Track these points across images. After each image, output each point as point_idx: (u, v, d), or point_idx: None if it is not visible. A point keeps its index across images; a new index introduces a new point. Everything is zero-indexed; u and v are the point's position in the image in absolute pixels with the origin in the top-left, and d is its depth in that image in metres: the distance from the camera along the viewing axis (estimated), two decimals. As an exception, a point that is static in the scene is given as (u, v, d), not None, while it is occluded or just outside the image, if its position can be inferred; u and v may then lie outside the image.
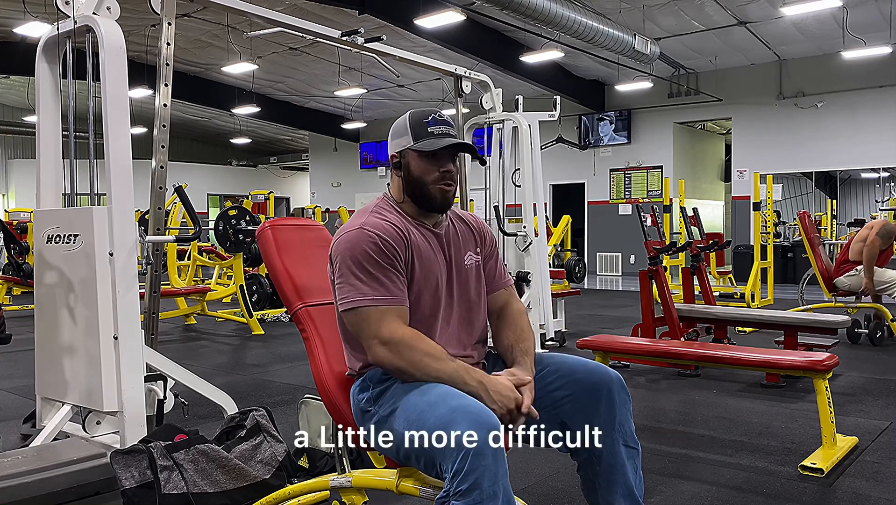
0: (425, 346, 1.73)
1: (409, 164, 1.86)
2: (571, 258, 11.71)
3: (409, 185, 1.87)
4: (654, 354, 4.07)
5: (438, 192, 1.85)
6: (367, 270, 1.75)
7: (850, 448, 3.15)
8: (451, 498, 1.51)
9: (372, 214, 1.85)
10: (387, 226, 1.80)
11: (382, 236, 1.77)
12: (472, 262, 1.96)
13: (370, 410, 1.79)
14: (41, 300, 3.15)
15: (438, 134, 1.85)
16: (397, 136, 1.89)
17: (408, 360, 1.71)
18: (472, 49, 12.13)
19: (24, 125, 18.83)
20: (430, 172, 1.84)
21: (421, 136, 1.84)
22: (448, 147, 1.84)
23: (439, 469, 1.58)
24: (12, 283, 9.23)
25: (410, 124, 1.87)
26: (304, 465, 2.86)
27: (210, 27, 12.18)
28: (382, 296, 1.75)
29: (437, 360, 1.71)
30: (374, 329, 1.73)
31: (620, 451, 1.80)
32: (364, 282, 1.75)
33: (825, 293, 6.39)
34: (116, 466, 2.40)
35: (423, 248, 1.85)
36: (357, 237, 1.78)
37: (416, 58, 5.09)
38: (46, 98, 3.26)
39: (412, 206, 1.89)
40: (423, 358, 1.70)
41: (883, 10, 10.87)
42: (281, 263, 2.09)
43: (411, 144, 1.85)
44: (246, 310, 7.06)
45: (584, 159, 15.79)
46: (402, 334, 1.72)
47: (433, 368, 1.70)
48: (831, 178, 15.86)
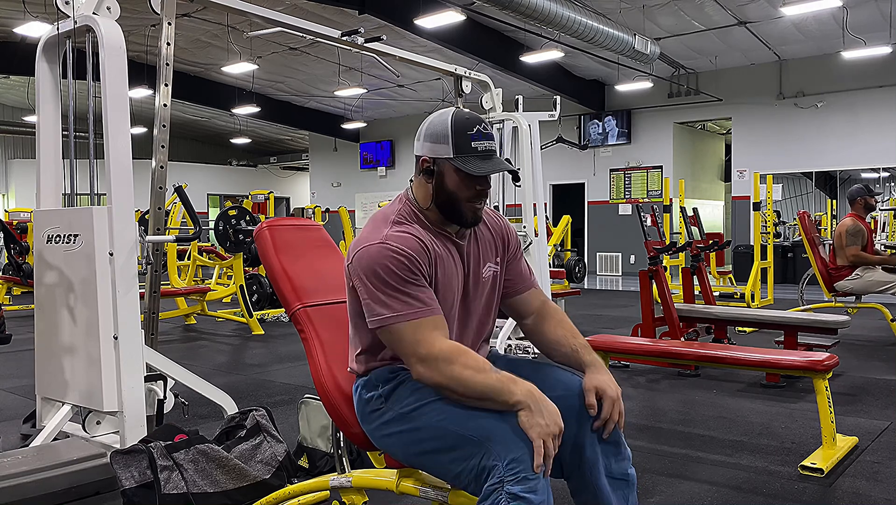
0: (465, 358, 1.62)
1: (444, 176, 1.73)
2: (571, 258, 11.72)
3: (440, 196, 1.75)
4: (654, 354, 4.06)
5: (470, 210, 1.75)
6: (393, 286, 1.66)
7: (850, 448, 3.15)
8: (505, 483, 1.48)
9: (394, 226, 1.73)
10: (410, 241, 1.70)
11: (407, 252, 1.67)
12: (491, 273, 1.87)
13: (380, 409, 1.75)
14: (41, 300, 3.15)
15: (483, 151, 1.71)
16: (434, 141, 1.74)
17: (448, 375, 1.61)
18: (472, 49, 12.13)
19: (24, 125, 18.83)
20: (467, 191, 1.73)
21: (463, 150, 1.70)
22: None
23: (477, 462, 1.54)
24: (12, 283, 9.23)
25: (453, 133, 1.71)
26: (304, 465, 2.87)
27: (210, 27, 12.18)
28: (413, 309, 1.65)
29: (479, 371, 1.60)
30: (410, 347, 1.65)
31: (603, 484, 1.67)
32: (393, 298, 1.65)
33: (825, 293, 6.39)
34: (116, 466, 2.40)
35: (446, 262, 1.76)
36: (379, 253, 1.67)
37: (416, 58, 5.09)
38: (46, 98, 3.26)
39: (437, 214, 1.78)
40: (464, 371, 1.60)
41: (883, 10, 10.87)
42: (279, 264, 2.07)
43: (450, 157, 1.71)
44: (246, 310, 7.05)
45: (584, 159, 15.79)
46: (438, 349, 1.63)
47: (476, 381, 1.59)
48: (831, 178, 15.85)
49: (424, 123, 1.79)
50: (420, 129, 1.80)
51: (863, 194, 6.13)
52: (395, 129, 19.07)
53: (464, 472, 1.58)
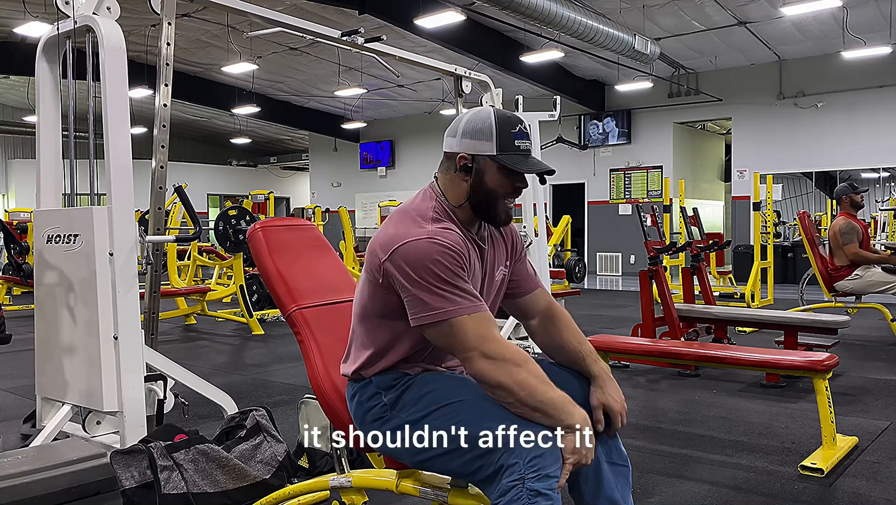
0: (533, 367, 1.61)
1: (484, 173, 1.72)
2: (571, 258, 11.72)
3: (477, 194, 1.74)
4: (654, 354, 4.07)
5: (505, 208, 1.76)
6: (447, 280, 1.63)
7: (850, 448, 3.15)
8: (525, 480, 1.49)
9: (433, 223, 1.71)
10: (455, 237, 1.69)
11: (455, 248, 1.66)
12: (501, 276, 1.88)
13: (383, 417, 1.73)
14: (41, 300, 3.15)
15: (524, 150, 1.72)
16: (475, 137, 1.72)
17: (514, 378, 1.58)
18: (472, 49, 12.13)
19: (24, 125, 18.83)
20: (506, 188, 1.73)
21: (508, 148, 1.70)
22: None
23: (495, 460, 1.55)
24: (12, 283, 9.23)
25: (497, 130, 1.70)
26: (304, 465, 2.86)
27: (210, 27, 12.18)
28: (472, 303, 1.63)
29: (545, 383, 1.60)
30: (474, 341, 1.61)
31: (605, 469, 1.71)
32: (450, 291, 1.63)
33: (825, 293, 6.39)
34: (116, 466, 2.40)
35: (473, 264, 1.76)
36: (429, 248, 1.63)
37: (416, 58, 5.09)
38: (46, 98, 3.26)
39: (468, 213, 1.77)
40: (530, 379, 1.59)
41: (883, 10, 10.87)
42: (273, 265, 2.05)
43: (494, 154, 1.70)
44: (246, 310, 7.06)
45: (584, 159, 15.79)
46: (511, 351, 1.62)
47: (540, 391, 1.58)
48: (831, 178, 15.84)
49: (462, 120, 1.77)
50: (455, 126, 1.77)
51: (847, 192, 6.14)
52: (395, 129, 19.07)
53: (480, 469, 1.58)
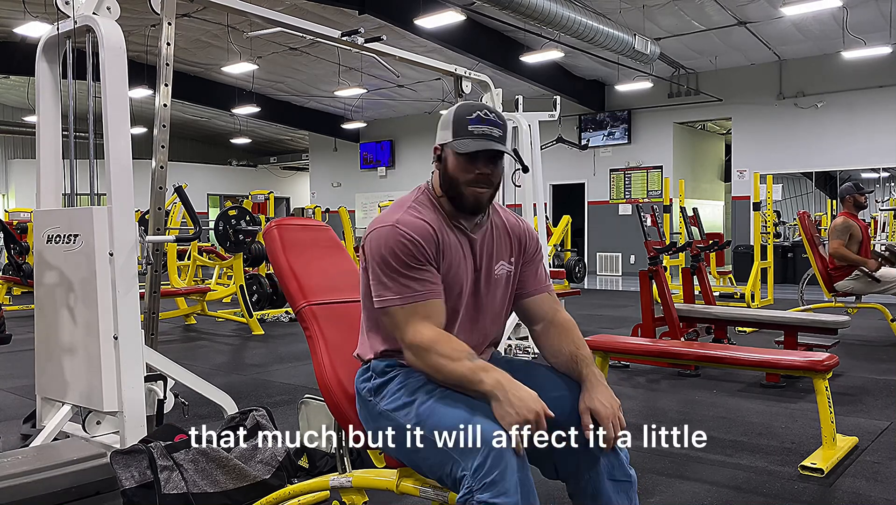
0: (441, 347, 1.67)
1: (447, 161, 1.80)
2: (571, 258, 11.71)
3: (445, 181, 1.81)
4: (654, 354, 4.07)
5: (471, 194, 1.77)
6: (397, 269, 1.71)
7: (850, 448, 3.15)
8: (474, 493, 1.48)
9: (408, 210, 1.79)
10: (420, 224, 1.75)
11: (413, 237, 1.72)
12: (504, 271, 1.88)
13: (371, 400, 1.79)
14: (41, 300, 3.15)
15: (478, 134, 1.75)
16: (441, 129, 1.82)
17: (426, 363, 1.68)
18: (472, 49, 12.13)
19: (24, 125, 18.82)
20: (465, 174, 1.76)
21: (460, 133, 1.77)
22: (483, 151, 1.75)
23: (449, 470, 1.56)
24: (12, 283, 9.23)
25: (454, 119, 1.79)
26: (304, 465, 2.86)
27: (210, 27, 12.18)
28: (409, 294, 1.70)
29: (453, 360, 1.65)
30: (400, 333, 1.71)
31: (606, 487, 1.69)
32: (394, 281, 1.71)
33: (825, 293, 6.39)
34: (116, 466, 2.40)
35: (454, 252, 1.79)
36: (388, 235, 1.73)
37: (416, 58, 5.09)
38: (46, 98, 3.26)
39: (449, 203, 1.82)
40: (439, 360, 1.66)
41: (883, 10, 10.87)
42: (286, 262, 2.10)
43: (450, 141, 1.78)
44: (246, 310, 7.06)
45: (584, 159, 15.79)
46: (422, 337, 1.68)
47: (449, 369, 1.65)
48: (831, 178, 15.83)
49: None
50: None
51: (852, 192, 6.12)
52: (395, 129, 19.06)
53: (444, 477, 1.61)
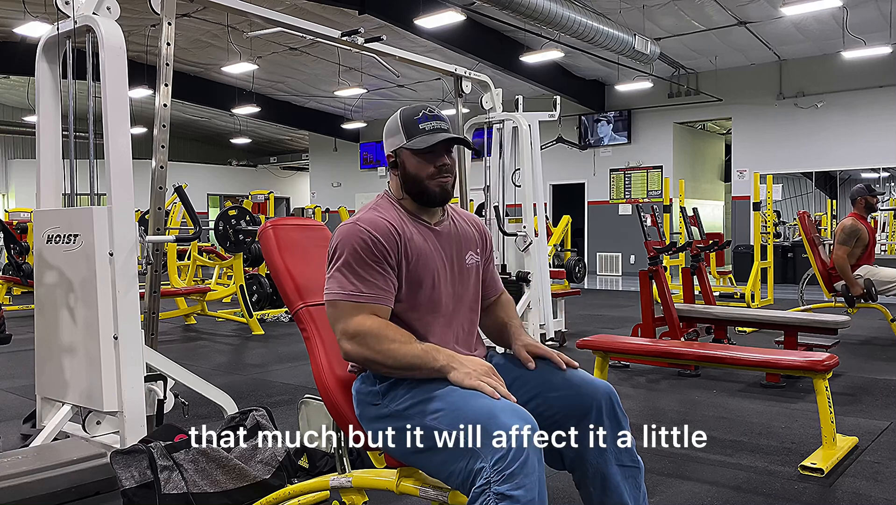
0: (391, 333, 1.73)
1: (405, 163, 1.87)
2: (571, 258, 11.71)
3: (407, 183, 1.88)
4: (654, 354, 4.06)
5: (437, 186, 1.86)
6: (352, 265, 1.77)
7: (850, 448, 3.15)
8: (492, 484, 1.49)
9: (370, 211, 1.86)
10: (381, 223, 1.81)
11: (373, 233, 1.78)
12: (474, 261, 1.97)
13: (378, 404, 1.78)
14: (41, 300, 3.15)
15: (430, 130, 1.85)
16: (390, 136, 1.91)
17: (375, 349, 1.71)
18: (472, 49, 12.13)
19: (24, 125, 18.83)
20: (426, 169, 1.85)
21: (413, 133, 1.86)
22: (441, 142, 1.84)
23: (465, 464, 1.56)
24: (12, 283, 9.23)
25: (402, 122, 1.88)
26: (304, 465, 2.86)
27: (210, 27, 12.18)
28: (360, 292, 1.75)
29: (404, 344, 1.71)
30: (342, 325, 1.75)
31: (614, 472, 1.76)
32: (347, 276, 1.76)
33: (825, 293, 6.39)
34: (116, 466, 2.40)
35: (420, 245, 1.85)
36: (349, 232, 1.79)
37: (416, 58, 5.10)
38: (46, 98, 3.27)
39: (411, 202, 1.90)
40: (390, 345, 1.71)
41: (883, 10, 10.87)
42: (282, 263, 2.09)
43: (404, 143, 1.86)
44: (246, 310, 7.06)
45: (584, 159, 15.79)
46: (368, 326, 1.73)
47: (402, 353, 1.70)
48: (831, 178, 15.84)
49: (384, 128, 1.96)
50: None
51: (863, 194, 6.09)
52: (395, 129, 19.06)
53: (454, 473, 1.60)
